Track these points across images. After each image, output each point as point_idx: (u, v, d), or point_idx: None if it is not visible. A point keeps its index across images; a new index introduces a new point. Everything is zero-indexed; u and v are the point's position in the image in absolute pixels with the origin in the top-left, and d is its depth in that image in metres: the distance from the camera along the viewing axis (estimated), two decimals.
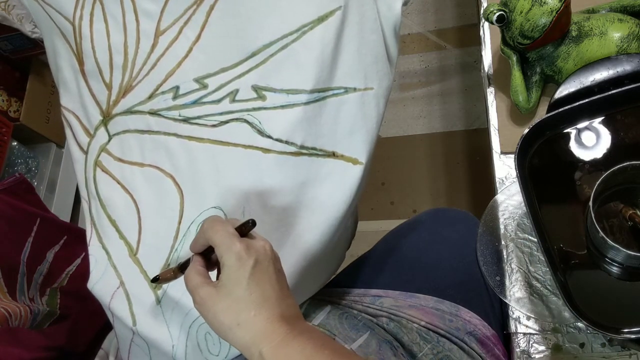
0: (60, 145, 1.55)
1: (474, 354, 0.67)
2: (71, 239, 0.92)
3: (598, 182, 0.59)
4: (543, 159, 0.67)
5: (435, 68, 1.60)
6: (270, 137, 0.63)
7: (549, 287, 0.67)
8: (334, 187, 0.64)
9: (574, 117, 0.67)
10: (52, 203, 1.49)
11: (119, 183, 0.68)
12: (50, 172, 1.51)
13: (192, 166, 0.66)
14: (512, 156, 0.68)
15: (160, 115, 0.68)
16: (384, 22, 0.67)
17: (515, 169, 0.64)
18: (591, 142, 0.67)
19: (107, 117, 0.70)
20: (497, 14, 0.70)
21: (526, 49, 0.72)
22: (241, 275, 0.48)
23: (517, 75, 0.73)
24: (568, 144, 0.67)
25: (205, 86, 0.66)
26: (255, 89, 0.65)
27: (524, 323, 0.68)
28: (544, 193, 0.66)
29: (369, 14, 0.65)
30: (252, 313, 0.48)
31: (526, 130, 0.66)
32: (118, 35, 0.69)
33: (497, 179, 0.75)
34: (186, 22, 0.67)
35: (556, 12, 0.66)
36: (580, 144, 0.67)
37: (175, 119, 0.67)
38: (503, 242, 0.72)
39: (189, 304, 0.63)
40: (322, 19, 0.63)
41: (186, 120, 0.67)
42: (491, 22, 0.71)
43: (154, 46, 0.68)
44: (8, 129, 1.36)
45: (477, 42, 0.85)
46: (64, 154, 1.55)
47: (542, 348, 0.66)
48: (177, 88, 0.67)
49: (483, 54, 0.82)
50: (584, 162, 0.66)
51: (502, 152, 0.76)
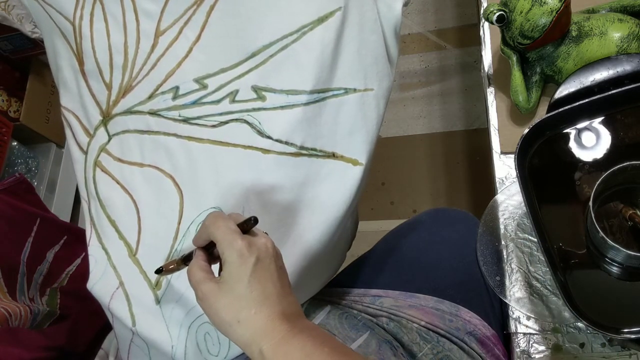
0: (60, 145, 1.55)
1: (474, 354, 0.67)
2: (71, 239, 0.92)
3: (598, 182, 0.59)
4: (543, 159, 0.67)
5: (435, 68, 1.60)
6: (270, 137, 0.63)
7: (549, 287, 0.67)
8: (333, 187, 0.64)
9: (574, 117, 0.67)
10: (52, 203, 1.49)
11: (119, 183, 0.68)
12: (50, 172, 1.51)
13: (191, 166, 0.66)
14: (512, 156, 0.68)
15: (160, 116, 0.68)
16: (384, 22, 0.67)
17: (515, 169, 0.64)
18: (591, 142, 0.67)
19: (107, 117, 0.70)
20: (497, 14, 0.70)
21: (526, 49, 0.72)
22: (242, 272, 0.48)
23: (517, 75, 0.73)
24: (568, 144, 0.67)
25: (205, 86, 0.66)
26: (255, 89, 0.65)
27: (524, 323, 0.68)
28: (544, 193, 0.66)
29: (369, 14, 0.65)
30: (252, 310, 0.48)
31: (526, 130, 0.66)
32: (118, 35, 0.69)
33: (497, 179, 0.75)
34: (186, 23, 0.67)
35: (556, 12, 0.66)
36: (580, 144, 0.67)
37: (175, 119, 0.67)
38: (503, 242, 0.72)
39: (189, 304, 0.63)
40: (322, 20, 0.63)
41: (186, 121, 0.67)
42: (491, 22, 0.71)
43: (154, 46, 0.68)
44: (8, 129, 1.36)
45: (477, 42, 0.85)
46: (64, 154, 1.55)
47: (542, 348, 0.66)
48: (177, 88, 0.67)
49: (483, 54, 0.82)
50: (584, 162, 0.66)
51: (502, 152, 0.76)
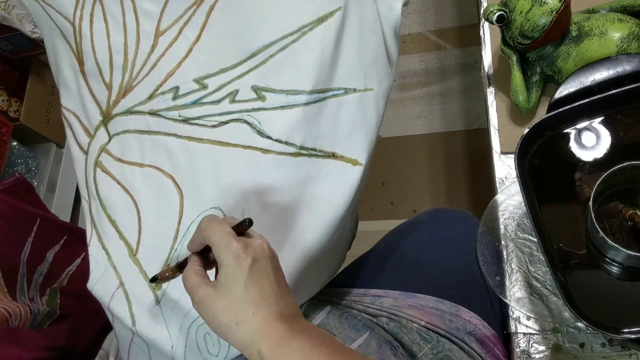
0: (60, 145, 1.55)
1: (474, 354, 0.67)
2: (71, 239, 0.92)
3: (598, 182, 0.59)
4: (543, 159, 0.67)
5: (435, 68, 1.60)
6: (269, 137, 0.63)
7: (549, 287, 0.67)
8: (333, 187, 0.64)
9: (574, 117, 0.67)
10: (52, 203, 1.49)
11: (119, 183, 0.68)
12: (50, 172, 1.51)
13: (191, 166, 0.66)
14: (512, 156, 0.68)
15: (160, 116, 0.68)
16: (384, 22, 0.67)
17: (515, 169, 0.64)
18: (591, 142, 0.67)
19: (107, 117, 0.70)
20: (497, 14, 0.69)
21: (526, 49, 0.72)
22: (239, 274, 0.48)
23: (517, 75, 0.73)
24: (568, 144, 0.67)
25: (205, 86, 0.66)
26: (255, 89, 0.65)
27: (524, 323, 0.68)
28: (544, 193, 0.66)
29: (369, 14, 0.65)
30: (250, 312, 0.48)
31: (526, 130, 0.66)
32: (118, 36, 0.69)
33: (497, 179, 0.75)
34: (186, 23, 0.67)
35: (556, 12, 0.66)
36: (580, 144, 0.67)
37: (175, 120, 0.67)
38: (503, 242, 0.72)
39: (188, 304, 0.63)
40: (322, 20, 0.63)
41: (186, 121, 0.67)
42: (491, 22, 0.71)
43: (154, 46, 0.68)
44: (8, 129, 1.36)
45: (477, 42, 0.85)
46: (64, 154, 1.55)
47: (542, 348, 0.66)
48: (177, 88, 0.67)
49: (483, 54, 0.82)
50: (584, 162, 0.66)
51: (502, 152, 0.76)
